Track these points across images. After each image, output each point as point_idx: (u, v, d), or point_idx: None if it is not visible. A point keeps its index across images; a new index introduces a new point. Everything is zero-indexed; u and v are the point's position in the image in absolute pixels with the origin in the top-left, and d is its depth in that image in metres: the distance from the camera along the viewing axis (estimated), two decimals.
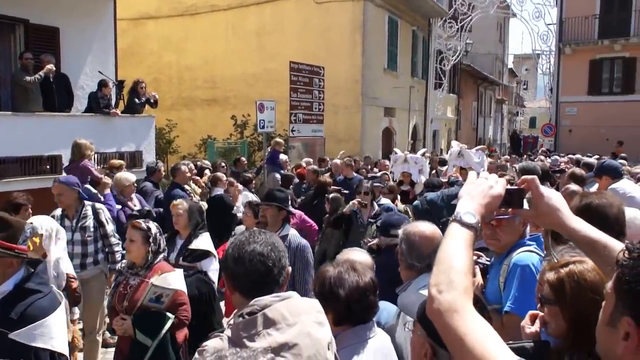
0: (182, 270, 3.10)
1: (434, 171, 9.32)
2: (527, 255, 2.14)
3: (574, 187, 3.94)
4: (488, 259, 2.42)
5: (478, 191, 1.20)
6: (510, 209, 1.29)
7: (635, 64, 19.43)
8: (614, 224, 2.02)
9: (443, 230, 1.26)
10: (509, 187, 1.24)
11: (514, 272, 2.10)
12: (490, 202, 1.18)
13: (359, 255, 2.27)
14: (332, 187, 6.30)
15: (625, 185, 4.07)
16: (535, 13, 19.57)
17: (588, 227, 1.22)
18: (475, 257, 2.69)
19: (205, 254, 3.62)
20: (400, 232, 2.40)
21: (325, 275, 1.79)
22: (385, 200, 5.59)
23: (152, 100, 8.66)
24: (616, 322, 0.84)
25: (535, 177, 1.26)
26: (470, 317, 0.99)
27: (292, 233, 3.44)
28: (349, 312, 1.57)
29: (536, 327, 1.58)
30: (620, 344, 0.82)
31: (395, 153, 8.00)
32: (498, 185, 1.21)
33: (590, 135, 18.36)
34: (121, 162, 6.73)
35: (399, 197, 6.80)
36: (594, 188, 4.67)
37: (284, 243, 2.61)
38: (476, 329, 0.97)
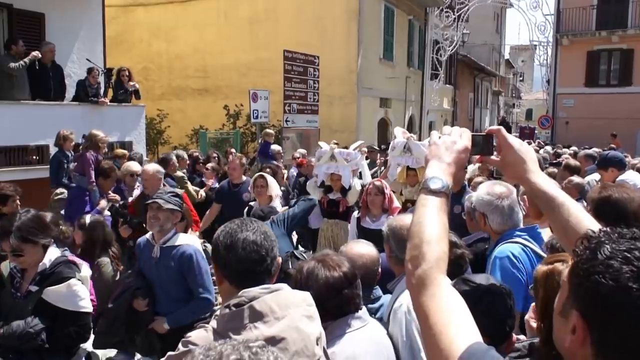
0: None
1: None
2: (507, 247, 2.19)
3: (577, 179, 3.83)
4: None
5: (442, 150, 1.17)
6: (478, 156, 1.30)
7: (633, 55, 19.35)
8: (631, 220, 1.94)
9: None
10: (475, 134, 1.26)
11: (495, 264, 2.17)
12: (457, 157, 1.17)
13: (363, 247, 2.14)
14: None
15: (634, 176, 3.99)
16: (532, 3, 19.35)
17: (550, 183, 1.23)
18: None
19: None
20: (384, 228, 2.30)
21: (297, 273, 1.74)
22: None
23: (130, 90, 8.42)
24: (567, 314, 0.83)
25: (502, 127, 1.29)
26: (439, 292, 0.97)
27: None
28: (323, 309, 1.50)
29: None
30: (568, 337, 0.81)
31: (320, 148, 5.45)
32: (463, 138, 1.20)
33: (587, 127, 18.29)
34: (124, 151, 6.75)
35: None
36: (589, 178, 4.58)
37: None
38: (441, 306, 0.95)
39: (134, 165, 5.49)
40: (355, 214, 4.38)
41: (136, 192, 5.30)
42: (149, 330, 2.94)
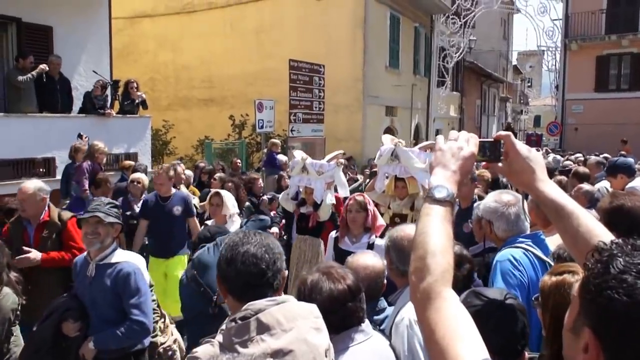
0: None
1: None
2: (508, 251, 2.22)
3: (587, 186, 3.75)
4: None
5: (448, 157, 1.13)
6: (484, 162, 1.25)
7: None
8: None
9: None
10: (483, 139, 1.21)
11: (495, 268, 2.20)
12: (463, 164, 1.13)
13: (368, 259, 2.14)
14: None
15: None
16: (540, 8, 19.23)
17: (558, 192, 1.19)
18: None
19: None
20: (385, 240, 2.29)
21: (301, 285, 1.72)
22: None
23: (138, 101, 8.47)
24: (579, 331, 0.80)
25: (511, 133, 1.25)
26: (444, 306, 0.94)
27: None
28: (326, 322, 1.46)
29: None
30: (580, 355, 0.78)
31: (294, 157, 5.08)
32: (469, 144, 1.16)
33: (596, 134, 18.02)
34: (132, 163, 6.87)
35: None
36: (599, 185, 4.49)
37: None
38: (447, 321, 0.92)
39: (136, 173, 5.57)
40: (333, 233, 3.85)
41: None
42: (81, 358, 2.61)
